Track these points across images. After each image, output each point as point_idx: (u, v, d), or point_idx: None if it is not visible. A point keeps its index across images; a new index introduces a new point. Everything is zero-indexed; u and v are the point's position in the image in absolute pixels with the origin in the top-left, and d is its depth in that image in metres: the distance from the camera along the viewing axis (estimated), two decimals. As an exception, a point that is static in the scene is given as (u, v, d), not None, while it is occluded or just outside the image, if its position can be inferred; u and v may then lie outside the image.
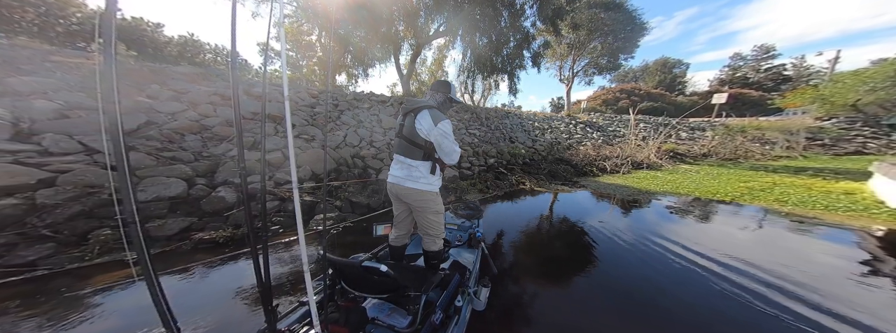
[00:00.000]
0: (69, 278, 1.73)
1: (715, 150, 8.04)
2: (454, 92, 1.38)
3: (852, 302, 1.53)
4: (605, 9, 13.53)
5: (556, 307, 1.56)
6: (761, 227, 2.81)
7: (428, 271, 1.31)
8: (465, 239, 1.82)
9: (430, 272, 1.28)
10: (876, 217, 2.94)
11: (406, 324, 1.03)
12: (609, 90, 19.93)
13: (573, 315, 1.50)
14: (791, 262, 1.98)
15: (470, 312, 1.24)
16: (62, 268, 1.81)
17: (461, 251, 1.72)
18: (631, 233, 2.55)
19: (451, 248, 1.68)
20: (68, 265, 1.84)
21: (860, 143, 9.24)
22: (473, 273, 1.49)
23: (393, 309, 1.12)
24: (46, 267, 1.80)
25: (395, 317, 1.09)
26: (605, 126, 10.50)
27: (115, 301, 1.56)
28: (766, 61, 27.23)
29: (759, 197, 3.81)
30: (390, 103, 7.23)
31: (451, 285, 1.30)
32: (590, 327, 1.41)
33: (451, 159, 1.25)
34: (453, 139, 1.24)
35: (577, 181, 5.24)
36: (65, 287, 1.64)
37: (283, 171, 3.56)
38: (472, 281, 1.43)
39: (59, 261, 1.85)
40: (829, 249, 2.26)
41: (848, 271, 1.88)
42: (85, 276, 1.75)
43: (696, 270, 1.89)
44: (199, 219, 2.52)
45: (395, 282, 0.97)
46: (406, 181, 1.26)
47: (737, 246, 2.30)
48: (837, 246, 2.32)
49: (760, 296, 1.59)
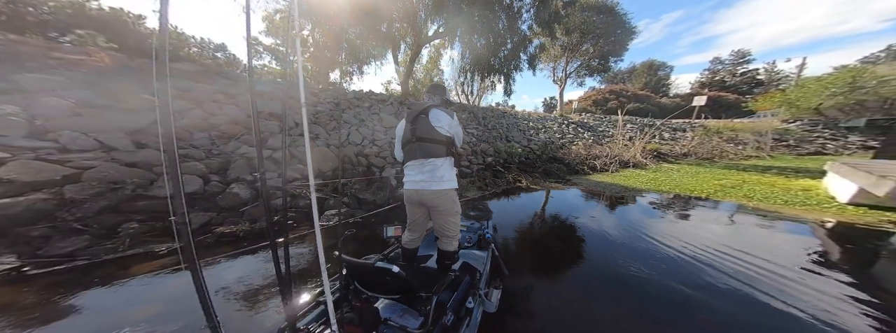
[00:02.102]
0: (109, 267, 1.81)
1: (694, 150, 8.50)
2: (448, 94, 1.50)
3: (799, 283, 1.80)
4: (597, 12, 13.79)
5: (556, 290, 1.76)
6: (730, 220, 3.11)
7: (439, 272, 1.30)
8: (474, 241, 1.81)
9: (441, 273, 1.26)
10: (827, 210, 3.31)
11: (418, 325, 1.01)
12: (599, 91, 20.41)
13: (570, 296, 1.70)
14: (751, 250, 2.26)
15: (481, 314, 1.23)
16: (99, 259, 1.89)
17: (471, 252, 1.71)
18: (619, 228, 2.79)
19: (461, 250, 1.65)
20: (104, 256, 1.91)
21: (820, 144, 9.95)
22: (484, 274, 1.48)
23: (405, 310, 1.12)
24: (85, 257, 1.87)
25: (407, 318, 1.08)
26: (595, 126, 10.85)
27: (152, 288, 1.66)
28: (741, 66, 28.48)
29: (730, 193, 4.16)
30: (390, 102, 7.27)
31: (462, 286, 1.29)
32: (584, 307, 1.60)
33: (460, 143, 1.41)
34: None
35: (569, 179, 5.49)
36: (105, 275, 1.73)
37: (289, 169, 3.64)
38: (483, 283, 1.42)
39: (95, 252, 1.92)
40: (785, 239, 2.56)
41: (798, 257, 2.17)
42: (123, 266, 1.83)
43: (674, 258, 2.14)
44: (218, 214, 2.60)
45: (407, 283, 0.97)
46: (431, 184, 1.25)
47: (706, 237, 2.57)
48: (792, 236, 2.63)
49: (724, 278, 1.85)
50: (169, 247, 2.02)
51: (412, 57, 8.46)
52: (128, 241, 2.04)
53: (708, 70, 30.33)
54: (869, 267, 2.01)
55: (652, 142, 8.70)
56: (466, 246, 1.79)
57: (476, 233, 1.87)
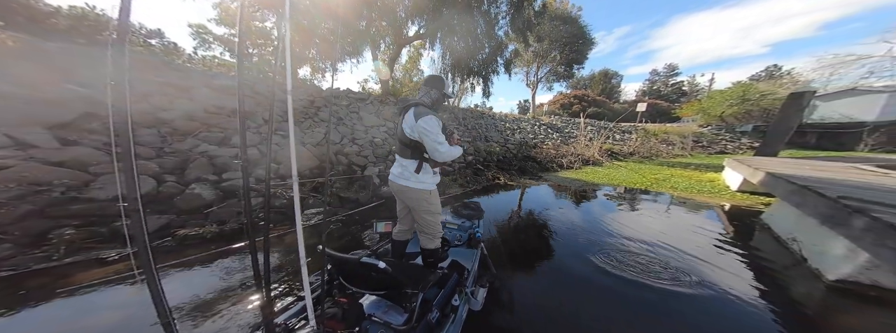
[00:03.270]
0: (43, 278, 1.62)
1: (637, 150, 10.00)
2: (447, 86, 1.33)
3: (699, 250, 2.44)
4: (563, 22, 15.07)
5: (533, 271, 2.06)
6: (658, 204, 3.90)
7: (426, 269, 1.29)
8: (464, 239, 1.80)
9: (428, 270, 1.25)
10: (724, 196, 4.33)
11: (402, 321, 1.00)
12: (565, 96, 22.21)
13: (541, 280, 2.01)
14: (668, 228, 2.95)
15: (467, 312, 1.24)
16: (28, 269, 1.67)
17: (461, 250, 1.71)
18: (582, 219, 3.31)
19: (450, 248, 1.65)
20: (35, 265, 1.69)
21: (723, 145, 12.54)
22: (472, 273, 1.48)
23: (390, 306, 1.11)
24: (10, 267, 1.64)
25: (391, 314, 1.07)
26: (562, 127, 11.95)
27: (103, 297, 1.53)
28: (672, 78, 33.82)
29: (662, 185, 5.15)
30: (370, 101, 7.08)
31: (449, 284, 1.29)
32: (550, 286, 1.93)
33: (438, 156, 1.18)
34: (437, 136, 1.14)
35: (541, 176, 6.09)
36: (39, 287, 1.55)
37: (261, 168, 3.43)
38: (470, 281, 1.42)
39: (22, 261, 1.68)
40: (694, 218, 3.35)
41: (699, 230, 2.89)
42: (63, 275, 1.65)
43: (625, 237, 2.67)
44: (177, 216, 2.39)
45: (393, 279, 0.96)
46: (400, 179, 1.27)
47: (641, 220, 3.24)
48: (698, 216, 3.44)
49: (649, 247, 2.40)
50: (119, 253, 1.84)
51: (393, 56, 8.28)
52: (63, 249, 1.81)
53: (648, 80, 35.39)
54: (747, 236, 2.78)
55: (607, 142, 10.01)
56: (456, 244, 1.77)
57: (466, 232, 1.87)
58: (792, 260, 2.21)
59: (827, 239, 2.03)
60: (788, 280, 1.93)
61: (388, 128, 6.16)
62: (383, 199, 3.64)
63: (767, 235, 2.74)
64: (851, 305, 1.63)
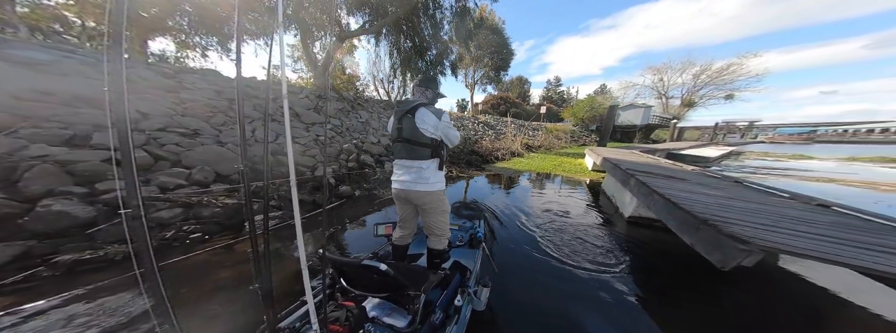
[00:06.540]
0: None
1: (543, 143, 13.24)
2: (440, 86, 1.32)
3: (576, 208, 4.02)
4: (492, 32, 17.17)
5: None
6: (554, 184, 5.80)
7: (428, 270, 1.23)
8: (466, 240, 1.78)
9: (430, 271, 1.20)
10: (587, 174, 6.81)
11: (406, 324, 0.98)
12: (495, 97, 25.60)
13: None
14: (560, 198, 4.58)
15: (470, 312, 1.21)
16: None
17: (462, 251, 1.69)
18: (515, 198, 4.57)
19: (452, 248, 1.59)
20: None
21: (584, 140, 18.44)
22: (474, 272, 1.46)
23: (393, 309, 1.08)
24: None
25: (394, 317, 1.04)
26: (494, 125, 14.03)
27: None
28: (558, 87, 44.92)
29: (557, 169, 7.43)
30: (306, 96, 6.09)
31: (452, 285, 1.28)
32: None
33: (455, 143, 1.28)
34: (454, 127, 1.24)
35: (484, 167, 7.37)
36: None
37: (166, 174, 2.77)
38: (473, 281, 1.39)
39: None
40: (573, 191, 5.25)
41: (575, 197, 4.66)
42: None
43: (535, 207, 3.98)
44: (39, 242, 1.84)
45: (395, 281, 0.95)
46: (416, 185, 1.21)
47: (546, 193, 4.86)
48: (575, 189, 5.41)
49: (551, 209, 3.79)
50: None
51: (332, 49, 7.21)
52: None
53: (546, 87, 45.42)
54: (596, 197, 4.69)
55: (525, 137, 12.70)
56: (458, 244, 1.75)
57: (468, 232, 1.86)
58: (612, 209, 3.85)
59: (623, 194, 3.57)
60: (612, 219, 3.40)
61: (333, 126, 5.66)
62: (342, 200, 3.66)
63: (604, 196, 4.61)
64: (634, 227, 3.09)
